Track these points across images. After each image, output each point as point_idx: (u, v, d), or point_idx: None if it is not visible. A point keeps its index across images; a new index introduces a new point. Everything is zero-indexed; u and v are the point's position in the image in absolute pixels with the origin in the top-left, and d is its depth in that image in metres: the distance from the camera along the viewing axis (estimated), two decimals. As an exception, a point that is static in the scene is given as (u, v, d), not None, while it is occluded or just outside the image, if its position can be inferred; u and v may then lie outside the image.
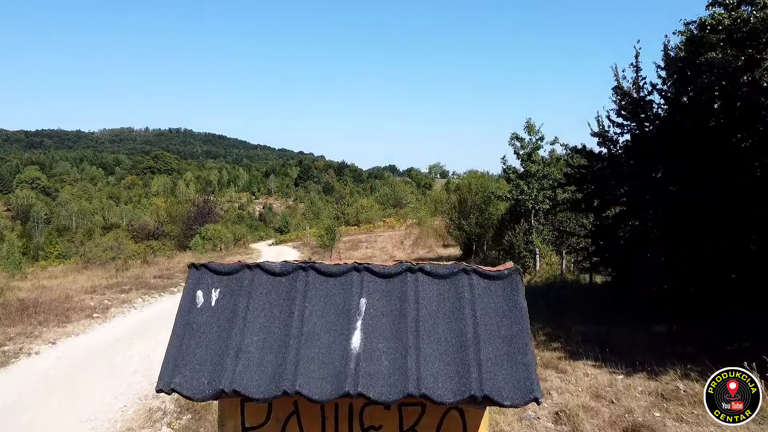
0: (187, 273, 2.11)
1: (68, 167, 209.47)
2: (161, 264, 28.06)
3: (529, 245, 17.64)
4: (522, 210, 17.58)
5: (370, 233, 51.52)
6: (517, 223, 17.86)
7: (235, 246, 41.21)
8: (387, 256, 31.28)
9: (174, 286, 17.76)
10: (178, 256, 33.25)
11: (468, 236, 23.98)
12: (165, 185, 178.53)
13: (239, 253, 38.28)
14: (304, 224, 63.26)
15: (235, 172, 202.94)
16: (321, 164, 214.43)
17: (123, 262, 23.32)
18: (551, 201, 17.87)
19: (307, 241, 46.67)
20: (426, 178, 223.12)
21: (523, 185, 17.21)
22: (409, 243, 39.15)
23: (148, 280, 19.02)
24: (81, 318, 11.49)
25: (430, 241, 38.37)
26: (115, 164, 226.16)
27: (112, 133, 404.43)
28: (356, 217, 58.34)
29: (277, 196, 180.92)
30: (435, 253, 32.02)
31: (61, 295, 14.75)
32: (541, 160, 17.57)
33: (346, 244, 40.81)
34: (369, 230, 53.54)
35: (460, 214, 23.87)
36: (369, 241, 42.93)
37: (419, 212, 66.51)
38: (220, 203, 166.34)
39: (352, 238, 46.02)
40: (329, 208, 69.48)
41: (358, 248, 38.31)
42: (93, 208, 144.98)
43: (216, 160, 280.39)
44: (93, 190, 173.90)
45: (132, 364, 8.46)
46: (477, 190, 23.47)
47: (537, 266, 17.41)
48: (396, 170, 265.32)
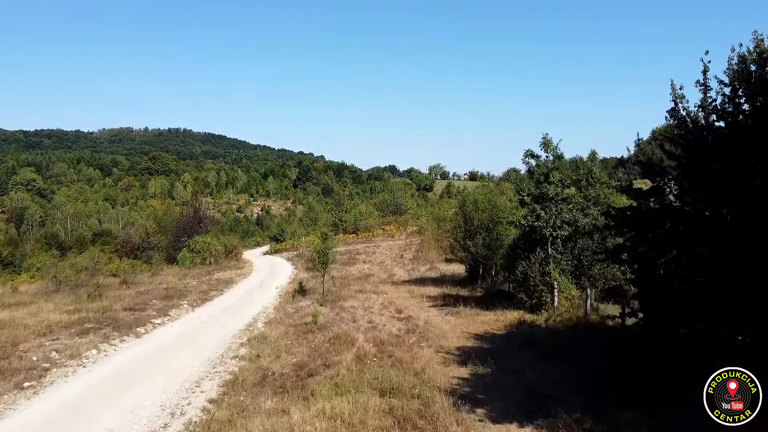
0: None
1: (65, 168, 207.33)
2: (141, 285, 25.97)
3: (545, 277, 15.54)
4: (538, 237, 15.48)
5: (369, 242, 49.43)
6: (532, 251, 15.76)
7: (226, 258, 39.10)
8: (386, 275, 29.15)
9: (144, 323, 15.66)
10: (162, 273, 31.15)
11: (474, 258, 21.89)
12: (162, 187, 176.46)
13: (230, 267, 36.18)
14: (301, 231, 61.15)
15: (233, 174, 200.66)
16: (320, 165, 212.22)
17: (95, 288, 21.21)
18: (571, 226, 15.78)
19: (302, 252, 44.55)
20: (426, 180, 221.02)
21: (540, 210, 15.11)
22: (410, 256, 37.02)
23: (117, 313, 16.93)
24: (9, 388, 9.40)
25: (431, 254, 36.24)
26: (112, 165, 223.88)
27: (111, 133, 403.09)
28: (354, 224, 56.23)
29: (275, 198, 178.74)
30: (438, 270, 29.88)
31: (6, 341, 12.67)
32: (559, 181, 15.46)
33: (343, 257, 38.68)
34: (368, 239, 51.45)
35: (466, 234, 21.77)
36: (367, 252, 40.80)
37: (420, 218, 64.42)
38: (217, 205, 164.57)
39: (350, 249, 43.90)
40: (327, 214, 67.33)
41: (355, 262, 36.19)
42: (89, 210, 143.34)
43: (215, 161, 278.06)
44: (89, 191, 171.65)
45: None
46: (484, 207, 21.36)
47: (555, 302, 15.31)
48: (396, 170, 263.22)
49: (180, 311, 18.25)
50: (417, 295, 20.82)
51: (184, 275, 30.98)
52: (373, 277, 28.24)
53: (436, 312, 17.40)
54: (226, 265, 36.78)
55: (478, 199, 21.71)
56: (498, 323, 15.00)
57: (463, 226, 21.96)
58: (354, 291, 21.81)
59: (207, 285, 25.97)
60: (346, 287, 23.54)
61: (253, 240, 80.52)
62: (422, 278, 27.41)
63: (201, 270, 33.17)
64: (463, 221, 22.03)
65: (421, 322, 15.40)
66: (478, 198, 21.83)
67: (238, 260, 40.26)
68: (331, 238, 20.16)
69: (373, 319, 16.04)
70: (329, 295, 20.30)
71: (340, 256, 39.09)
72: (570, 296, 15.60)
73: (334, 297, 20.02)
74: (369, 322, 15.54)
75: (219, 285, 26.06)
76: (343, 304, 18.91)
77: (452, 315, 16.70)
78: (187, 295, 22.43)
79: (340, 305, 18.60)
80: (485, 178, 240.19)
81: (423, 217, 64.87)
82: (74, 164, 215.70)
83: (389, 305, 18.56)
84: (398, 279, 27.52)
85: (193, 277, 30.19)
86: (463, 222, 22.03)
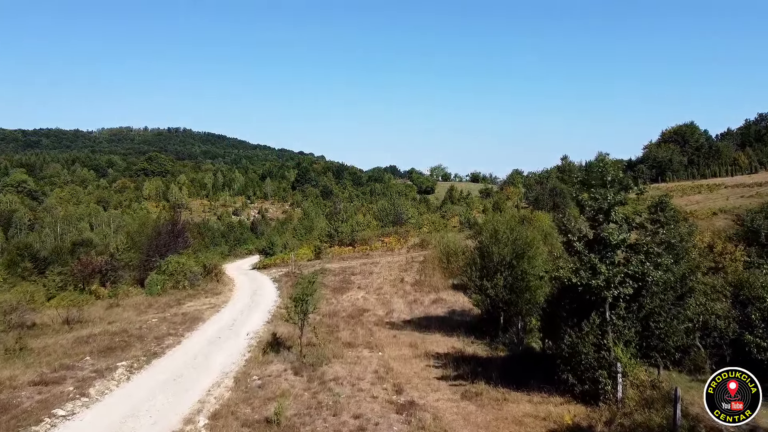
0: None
1: (59, 169, 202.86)
2: (88, 325, 21.53)
3: (602, 352, 11.07)
4: (592, 299, 11.02)
5: (366, 257, 44.92)
6: (583, 316, 11.30)
7: (204, 279, 34.57)
8: (384, 311, 24.61)
9: (38, 417, 11.18)
10: (123, 304, 26.68)
11: (493, 302, 17.39)
12: (157, 189, 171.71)
13: (206, 291, 31.68)
14: (293, 243, 56.59)
15: (230, 175, 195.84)
16: (319, 166, 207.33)
17: (16, 339, 16.71)
18: (637, 282, 11.27)
19: (291, 270, 40.08)
20: (427, 181, 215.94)
21: (597, 263, 10.59)
22: (411, 280, 32.46)
23: (16, 393, 12.50)
24: None
25: (435, 278, 31.70)
26: (108, 166, 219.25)
27: (111, 132, 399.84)
28: (351, 235, 51.67)
29: (273, 200, 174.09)
30: (445, 304, 25.34)
31: None
32: (624, 220, 10.94)
33: (336, 279, 34.19)
34: (365, 252, 46.92)
35: (482, 272, 17.28)
36: (364, 272, 36.29)
37: (422, 227, 59.86)
38: (213, 207, 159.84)
39: (345, 267, 39.40)
40: (323, 223, 62.73)
41: (348, 287, 31.68)
42: (80, 213, 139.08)
43: (214, 161, 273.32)
44: (82, 193, 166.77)
45: None
46: (506, 240, 16.87)
47: (619, 392, 10.82)
48: (397, 171, 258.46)
49: (108, 384, 13.73)
50: (422, 354, 16.27)
51: (148, 306, 26.51)
52: (369, 314, 23.72)
53: (449, 392, 12.88)
54: (202, 288, 32.28)
55: (499, 230, 17.18)
56: (537, 426, 10.50)
57: (479, 262, 17.44)
58: (342, 345, 17.32)
59: (167, 325, 21.51)
60: (332, 335, 19.05)
61: (245, 248, 76.10)
62: (427, 317, 22.88)
63: (170, 298, 28.64)
64: (479, 256, 17.50)
65: (428, 417, 10.93)
66: (499, 228, 17.28)
67: (218, 282, 35.74)
68: (312, 287, 15.61)
69: (361, 409, 11.55)
70: (309, 355, 15.81)
71: (333, 278, 34.61)
72: (638, 381, 11.10)
73: (315, 357, 15.53)
74: (355, 417, 11.08)
75: (182, 325, 21.60)
76: (325, 370, 14.45)
77: (471, 399, 12.19)
78: (135, 345, 17.99)
79: (320, 374, 14.14)
80: (488, 180, 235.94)
81: (425, 227, 60.39)
82: (69, 165, 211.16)
83: (385, 375, 14.07)
84: (398, 318, 22.98)
85: (158, 309, 25.72)
86: (479, 257, 17.51)
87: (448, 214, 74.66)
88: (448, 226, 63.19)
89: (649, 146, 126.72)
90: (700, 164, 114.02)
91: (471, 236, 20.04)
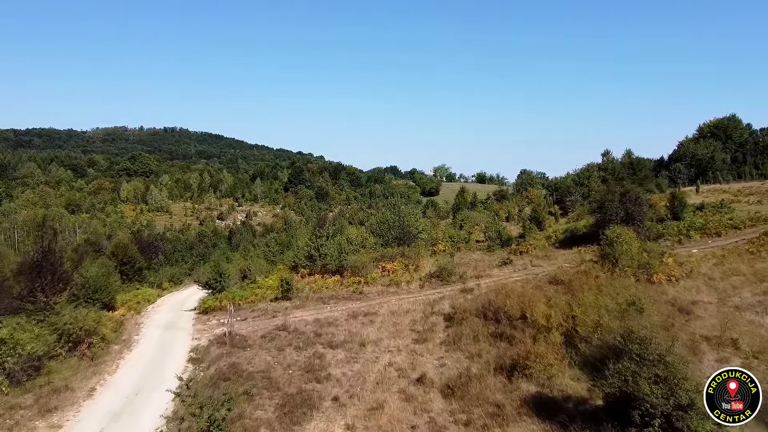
0: None
1: (34, 168, 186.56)
2: None
3: None
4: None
5: (359, 298, 29.34)
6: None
7: (60, 359, 19.08)
8: None
9: None
10: None
11: None
12: (136, 190, 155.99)
13: (30, 405, 16.18)
14: (258, 266, 40.83)
15: (219, 176, 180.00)
16: (315, 167, 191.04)
17: None
18: None
19: (229, 321, 24.43)
20: (431, 182, 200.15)
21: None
22: (441, 377, 16.87)
23: None
24: None
25: (489, 379, 16.04)
26: (88, 165, 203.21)
27: (105, 132, 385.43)
28: (339, 258, 36.01)
29: (263, 203, 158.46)
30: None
31: None
32: None
33: (299, 359, 18.61)
34: (357, 289, 31.27)
35: None
36: (350, 340, 20.70)
37: (436, 243, 44.31)
38: (197, 211, 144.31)
39: (321, 319, 23.90)
40: (306, 236, 46.80)
41: (313, 397, 15.95)
42: (41, 218, 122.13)
43: (209, 161, 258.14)
44: (53, 195, 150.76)
45: None
46: None
47: None
48: (398, 172, 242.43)
49: None
50: None
51: None
52: None
53: None
54: (33, 393, 16.78)
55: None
56: None
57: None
58: None
59: None
60: None
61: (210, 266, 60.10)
62: None
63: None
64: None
65: None
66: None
67: (93, 359, 20.13)
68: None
69: None
70: None
71: (294, 355, 19.03)
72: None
73: None
74: None
75: None
76: None
77: None
78: None
79: None
80: (496, 181, 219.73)
81: (440, 243, 44.73)
82: (45, 164, 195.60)
83: None
84: None
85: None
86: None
87: (466, 223, 58.88)
88: (470, 241, 47.58)
89: (685, 142, 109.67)
90: (747, 162, 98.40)
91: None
